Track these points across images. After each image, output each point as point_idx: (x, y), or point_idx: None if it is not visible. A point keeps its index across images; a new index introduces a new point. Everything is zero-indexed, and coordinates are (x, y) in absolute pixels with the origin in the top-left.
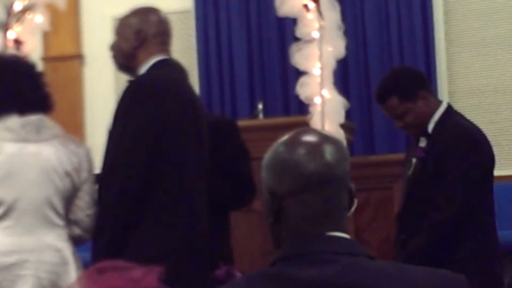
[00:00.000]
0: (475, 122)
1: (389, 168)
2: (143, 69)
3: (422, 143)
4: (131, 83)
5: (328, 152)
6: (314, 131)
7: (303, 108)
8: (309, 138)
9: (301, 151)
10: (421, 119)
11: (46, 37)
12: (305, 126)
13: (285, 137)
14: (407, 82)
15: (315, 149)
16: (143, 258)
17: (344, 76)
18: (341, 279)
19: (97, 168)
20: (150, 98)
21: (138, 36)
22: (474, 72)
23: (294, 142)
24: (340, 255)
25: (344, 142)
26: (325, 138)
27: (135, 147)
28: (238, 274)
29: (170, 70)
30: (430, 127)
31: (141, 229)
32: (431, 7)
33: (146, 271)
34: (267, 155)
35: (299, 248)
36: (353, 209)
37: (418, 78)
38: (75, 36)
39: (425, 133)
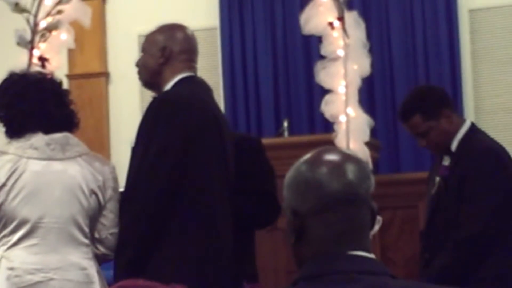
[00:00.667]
0: (501, 141)
1: (415, 186)
2: (168, 86)
3: (446, 161)
4: (155, 99)
5: (351, 171)
6: (336, 150)
7: (328, 126)
8: (332, 157)
9: (324, 170)
10: (444, 138)
11: (72, 54)
12: (330, 144)
13: (307, 156)
14: (430, 100)
15: (337, 168)
16: (165, 276)
17: (370, 94)
18: None
19: (122, 186)
20: (174, 115)
21: (164, 53)
22: (500, 90)
23: (316, 161)
24: (362, 274)
25: (369, 160)
26: (347, 157)
27: (158, 164)
28: None
29: (195, 87)
30: (454, 145)
31: (163, 247)
32: (457, 24)
33: None
34: (289, 174)
35: (321, 268)
36: (377, 228)
37: (441, 96)
38: (100, 54)
39: (448, 152)
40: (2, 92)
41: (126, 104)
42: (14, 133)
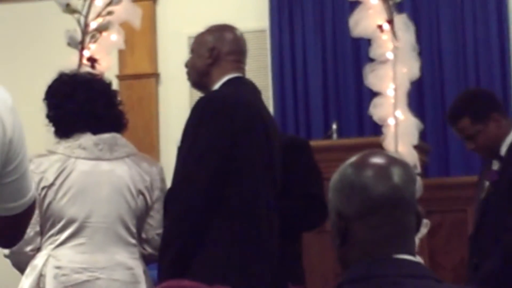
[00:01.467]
0: None
1: (464, 190)
2: (216, 86)
3: (495, 166)
4: (201, 99)
5: (396, 174)
6: (382, 153)
7: (377, 129)
8: (377, 160)
9: (369, 173)
10: (493, 141)
11: (122, 55)
12: (378, 147)
13: (352, 158)
14: (479, 103)
15: (383, 171)
16: (208, 277)
17: (419, 97)
18: None
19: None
20: (219, 115)
21: (212, 54)
22: None
23: (362, 164)
24: (406, 278)
25: (418, 164)
26: (393, 160)
27: (202, 164)
28: None
29: (242, 88)
30: (503, 149)
31: (207, 247)
32: (508, 27)
33: None
34: (335, 177)
35: (365, 271)
36: (425, 231)
37: (490, 100)
38: (150, 55)
39: (497, 156)
40: (51, 93)
41: (176, 105)
42: (63, 133)
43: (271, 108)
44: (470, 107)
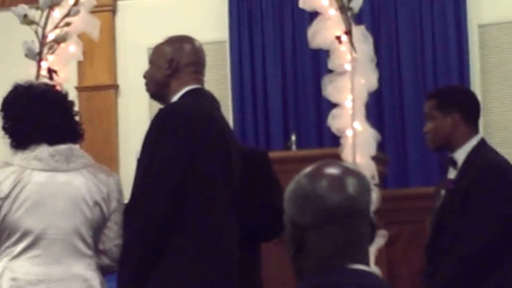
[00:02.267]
0: (510, 157)
1: (422, 201)
2: (175, 98)
3: (451, 174)
4: (161, 111)
5: (351, 184)
6: (337, 164)
7: (336, 140)
8: (332, 170)
9: (324, 183)
10: (440, 135)
11: (81, 67)
12: (337, 158)
13: (308, 169)
14: (454, 96)
15: (337, 181)
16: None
17: (378, 109)
18: None
19: (128, 198)
20: (179, 127)
21: (171, 65)
22: (510, 105)
23: (316, 175)
24: (360, 287)
25: (376, 175)
26: (347, 171)
27: (162, 176)
28: None
29: (201, 99)
30: (460, 157)
31: (166, 259)
32: (466, 39)
33: None
34: (290, 187)
35: (320, 281)
36: (382, 242)
37: (465, 102)
38: (110, 66)
39: (452, 163)
40: (7, 104)
41: (135, 117)
42: (19, 144)
43: (230, 119)
44: (445, 94)
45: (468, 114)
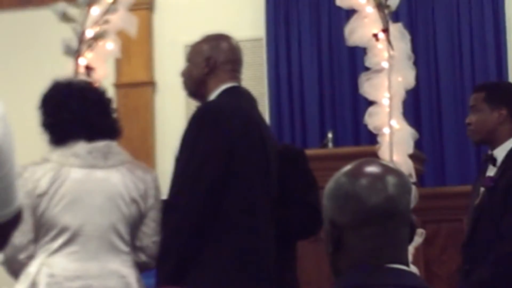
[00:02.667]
0: None
1: (460, 200)
2: (212, 96)
3: (491, 172)
4: (198, 109)
5: (391, 184)
6: (376, 162)
7: (373, 138)
8: (372, 169)
9: (363, 182)
10: (484, 129)
11: (119, 64)
12: (374, 156)
13: (347, 167)
14: (503, 92)
15: (377, 181)
16: (206, 284)
17: (416, 106)
18: None
19: (165, 195)
20: (217, 125)
21: (208, 63)
22: None
23: (356, 173)
24: (398, 287)
25: (413, 173)
26: (387, 170)
27: (200, 173)
28: None
29: (239, 97)
30: (500, 154)
31: (204, 257)
32: (505, 35)
33: None
34: (329, 185)
35: (358, 280)
36: (419, 241)
37: None
38: (147, 63)
39: (491, 160)
40: (46, 100)
41: (172, 114)
42: (57, 141)
43: (267, 117)
44: (495, 88)
45: None
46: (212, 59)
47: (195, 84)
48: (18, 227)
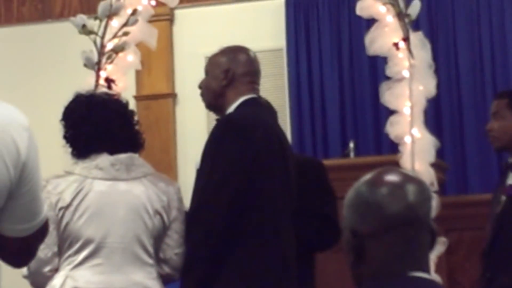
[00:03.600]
0: None
1: (482, 208)
2: (231, 108)
3: (510, 179)
4: (220, 121)
5: (411, 192)
6: (397, 171)
7: (394, 147)
8: (392, 178)
9: (384, 191)
10: (504, 134)
11: (139, 76)
12: (395, 165)
13: (367, 176)
14: None
15: (397, 189)
16: None
17: (437, 115)
18: None
19: (187, 207)
20: (238, 137)
21: (227, 75)
22: None
23: (376, 182)
24: None
25: (435, 182)
26: (408, 178)
27: (222, 185)
28: None
29: (259, 109)
30: None
31: (228, 269)
32: None
33: None
34: (350, 194)
35: None
36: (442, 249)
37: None
38: (167, 75)
39: (511, 167)
40: (68, 113)
41: (193, 125)
42: (80, 153)
43: (288, 127)
44: None
45: None
46: (230, 71)
47: (213, 96)
48: (44, 240)
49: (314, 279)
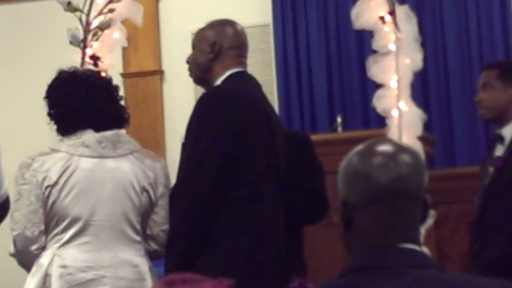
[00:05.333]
0: None
1: (470, 181)
2: (218, 81)
3: (499, 151)
4: (204, 94)
5: (403, 164)
6: (390, 142)
7: (382, 121)
8: (384, 148)
9: (375, 162)
10: (494, 105)
11: (126, 53)
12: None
13: (360, 146)
14: None
15: (388, 161)
16: (214, 271)
17: (424, 88)
18: None
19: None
20: (223, 110)
21: (214, 49)
22: None
23: (368, 153)
24: (410, 267)
25: (423, 155)
26: (400, 150)
27: (207, 159)
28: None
29: (245, 82)
30: (508, 133)
31: (213, 242)
32: (511, 17)
33: (215, 283)
34: (342, 164)
35: (369, 260)
36: (431, 222)
37: None
38: (154, 52)
39: (499, 139)
40: (51, 90)
41: (181, 102)
42: (65, 130)
43: (275, 102)
44: (508, 66)
45: None
46: (217, 44)
47: (200, 70)
48: (4, 217)
49: (303, 252)
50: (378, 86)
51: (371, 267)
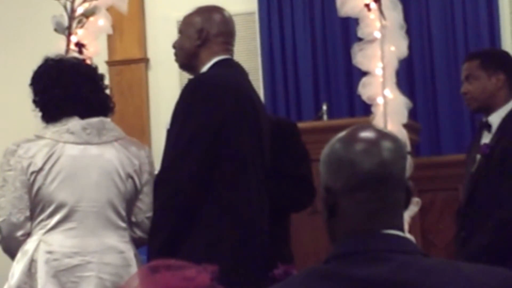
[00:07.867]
0: None
1: (455, 169)
2: (204, 68)
3: (486, 139)
4: (190, 81)
5: (385, 150)
6: (372, 128)
7: (367, 108)
8: (366, 135)
9: (357, 148)
10: (483, 95)
11: (111, 41)
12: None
13: (343, 133)
14: (499, 57)
15: (372, 146)
16: (198, 258)
17: (409, 76)
18: (395, 277)
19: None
20: (209, 96)
21: (201, 35)
22: None
23: (350, 139)
24: (394, 253)
25: (408, 142)
26: (382, 136)
27: (192, 145)
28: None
29: (231, 69)
30: (494, 120)
31: (196, 229)
32: (497, 4)
33: (199, 269)
34: (325, 151)
35: (353, 246)
36: (415, 209)
37: (510, 64)
38: (139, 40)
39: (486, 127)
40: (37, 77)
41: (166, 90)
42: (50, 117)
43: (261, 90)
44: (489, 54)
45: (511, 76)
46: (204, 31)
47: (187, 56)
48: None
49: (289, 239)
50: (363, 73)
51: (355, 252)
